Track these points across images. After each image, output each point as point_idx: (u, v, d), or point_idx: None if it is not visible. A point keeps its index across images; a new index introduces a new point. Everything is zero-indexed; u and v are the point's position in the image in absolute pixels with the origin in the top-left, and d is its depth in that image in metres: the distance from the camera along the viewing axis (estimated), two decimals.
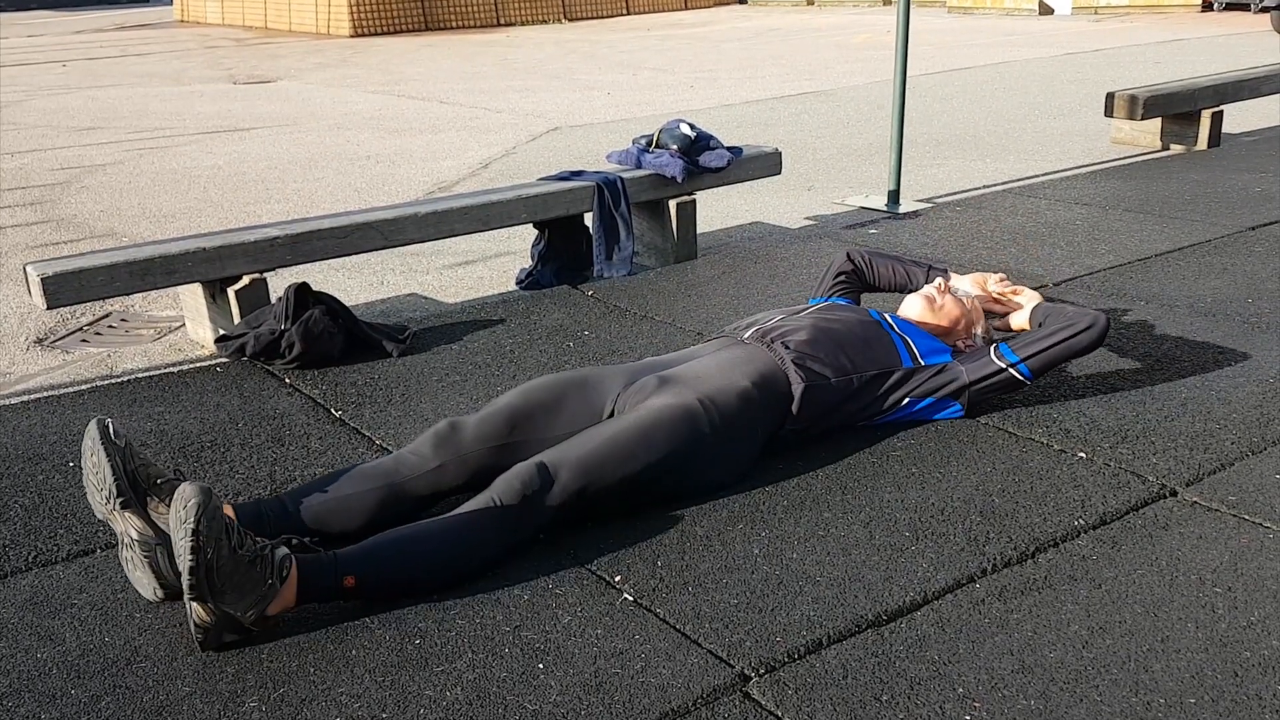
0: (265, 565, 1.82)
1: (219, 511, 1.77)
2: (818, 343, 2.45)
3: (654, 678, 1.72)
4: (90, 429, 1.96)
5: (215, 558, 1.75)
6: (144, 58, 13.82)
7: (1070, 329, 2.52)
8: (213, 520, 1.75)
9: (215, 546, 1.75)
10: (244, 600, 1.79)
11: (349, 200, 5.70)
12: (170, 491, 2.02)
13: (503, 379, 2.99)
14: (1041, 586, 1.93)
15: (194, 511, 1.74)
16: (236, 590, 1.79)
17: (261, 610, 1.81)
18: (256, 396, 2.93)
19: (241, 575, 1.79)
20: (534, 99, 9.23)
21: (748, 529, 2.15)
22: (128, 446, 1.98)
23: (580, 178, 4.02)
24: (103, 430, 1.95)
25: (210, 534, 1.75)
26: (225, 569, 1.77)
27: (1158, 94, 5.75)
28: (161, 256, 3.20)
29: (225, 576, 1.77)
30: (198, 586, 1.75)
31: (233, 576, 1.78)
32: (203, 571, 1.75)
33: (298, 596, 1.86)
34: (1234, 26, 13.38)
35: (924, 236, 4.30)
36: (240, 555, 1.79)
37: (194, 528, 1.73)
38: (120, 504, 1.92)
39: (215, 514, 1.76)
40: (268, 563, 1.82)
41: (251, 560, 1.80)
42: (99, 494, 1.94)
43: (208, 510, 1.75)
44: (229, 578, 1.77)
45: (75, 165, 6.84)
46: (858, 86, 9.40)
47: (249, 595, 1.79)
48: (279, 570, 1.83)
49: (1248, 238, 4.06)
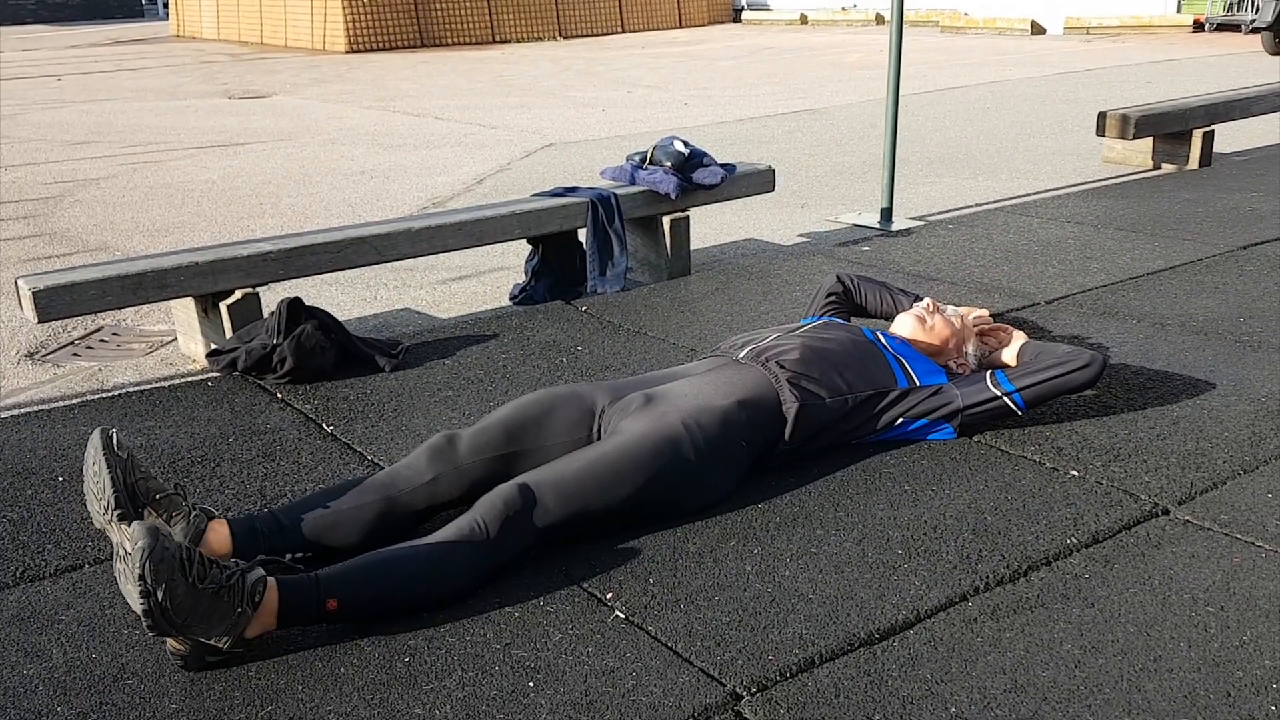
0: (233, 593, 1.77)
1: (168, 552, 1.71)
2: (813, 362, 2.45)
3: (645, 696, 1.71)
4: (94, 437, 1.95)
5: (169, 598, 1.70)
6: (139, 72, 13.83)
7: (1067, 365, 2.53)
8: (160, 563, 1.69)
9: (167, 587, 1.70)
10: (214, 630, 1.76)
11: (343, 215, 5.70)
12: (170, 507, 2.01)
13: (496, 394, 2.99)
14: (1034, 605, 1.93)
15: (139, 557, 1.69)
16: (203, 621, 1.75)
17: (237, 636, 1.78)
18: (248, 411, 2.92)
19: (205, 607, 1.74)
20: (529, 115, 9.25)
21: (740, 546, 2.15)
22: (130, 458, 1.97)
23: (574, 194, 4.03)
24: (106, 440, 1.94)
25: (158, 577, 1.69)
26: (183, 605, 1.72)
27: (1149, 113, 5.78)
28: (154, 270, 3.19)
29: (185, 611, 1.73)
30: (155, 626, 1.72)
31: (195, 610, 1.73)
32: (157, 613, 1.70)
33: (279, 619, 1.83)
34: (1225, 47, 13.47)
35: (916, 254, 4.31)
36: (202, 589, 1.74)
37: (139, 573, 1.68)
38: (117, 516, 1.91)
39: (162, 556, 1.70)
40: (236, 591, 1.78)
41: (216, 592, 1.75)
42: (98, 503, 1.93)
43: (153, 554, 1.69)
44: (190, 612, 1.73)
45: (69, 179, 6.84)
46: (850, 105, 9.44)
47: (218, 625, 1.76)
48: (250, 597, 1.79)
49: (1239, 257, 4.07)
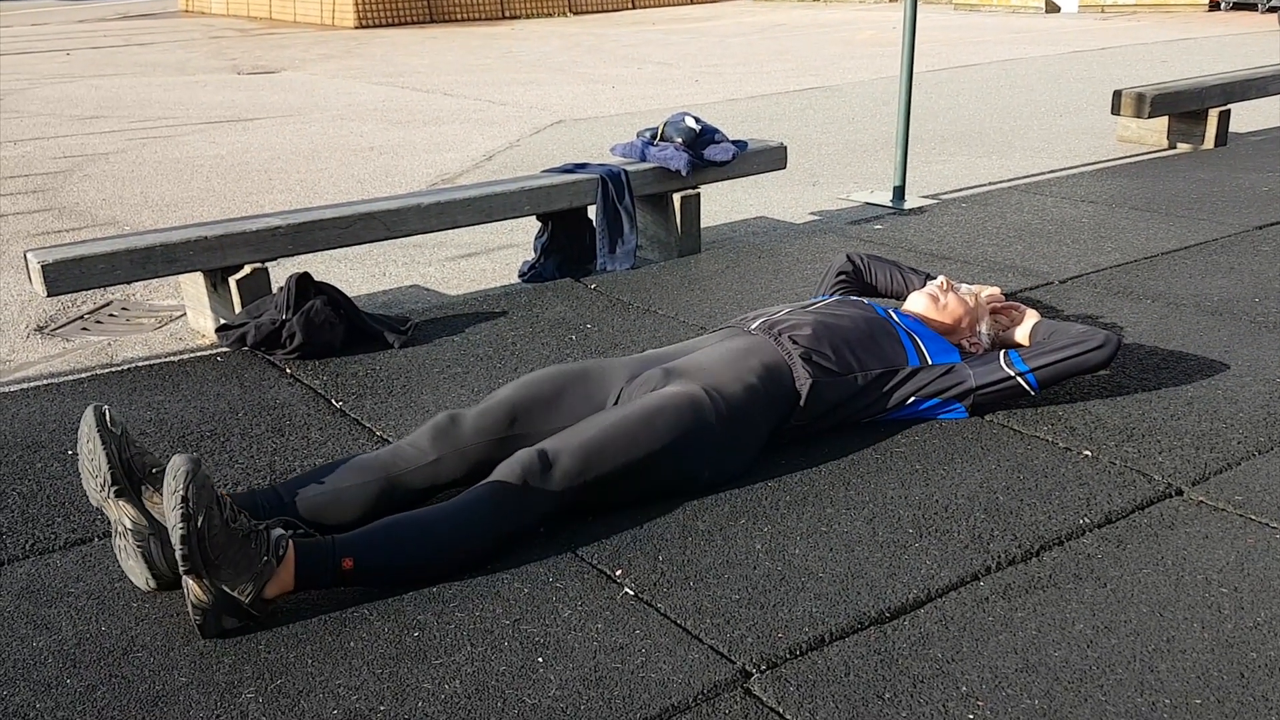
0: (260, 542, 1.81)
1: (208, 482, 1.77)
2: (825, 338, 2.43)
3: (654, 673, 1.71)
4: (87, 415, 1.95)
5: (207, 526, 1.75)
6: (147, 47, 13.79)
7: (1082, 345, 2.50)
8: (201, 489, 1.75)
9: (206, 515, 1.74)
10: (240, 577, 1.78)
11: (352, 191, 5.68)
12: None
13: (504, 371, 2.98)
14: (1046, 585, 1.92)
15: (183, 480, 1.73)
16: (231, 565, 1.78)
17: (259, 589, 1.80)
18: (257, 386, 2.92)
19: (236, 549, 1.78)
20: (538, 92, 9.20)
21: (750, 524, 2.14)
22: (124, 434, 1.96)
23: (584, 170, 4.00)
24: (99, 417, 1.94)
25: (199, 502, 1.74)
26: (218, 540, 1.76)
27: (1165, 92, 5.73)
28: (162, 245, 3.18)
29: (219, 549, 1.76)
30: (190, 556, 1.74)
31: (227, 549, 1.77)
32: (194, 540, 1.74)
33: (296, 579, 1.85)
34: (1241, 26, 13.34)
35: (929, 233, 4.28)
36: (234, 529, 1.79)
37: (183, 495, 1.73)
38: (114, 492, 1.91)
39: (204, 483, 1.76)
40: (263, 540, 1.82)
41: (246, 535, 1.80)
42: (93, 480, 1.93)
43: (195, 479, 1.74)
44: (223, 550, 1.77)
45: (77, 154, 6.83)
46: (863, 82, 9.38)
47: (245, 572, 1.79)
48: (275, 548, 1.82)
49: (1254, 237, 4.04)
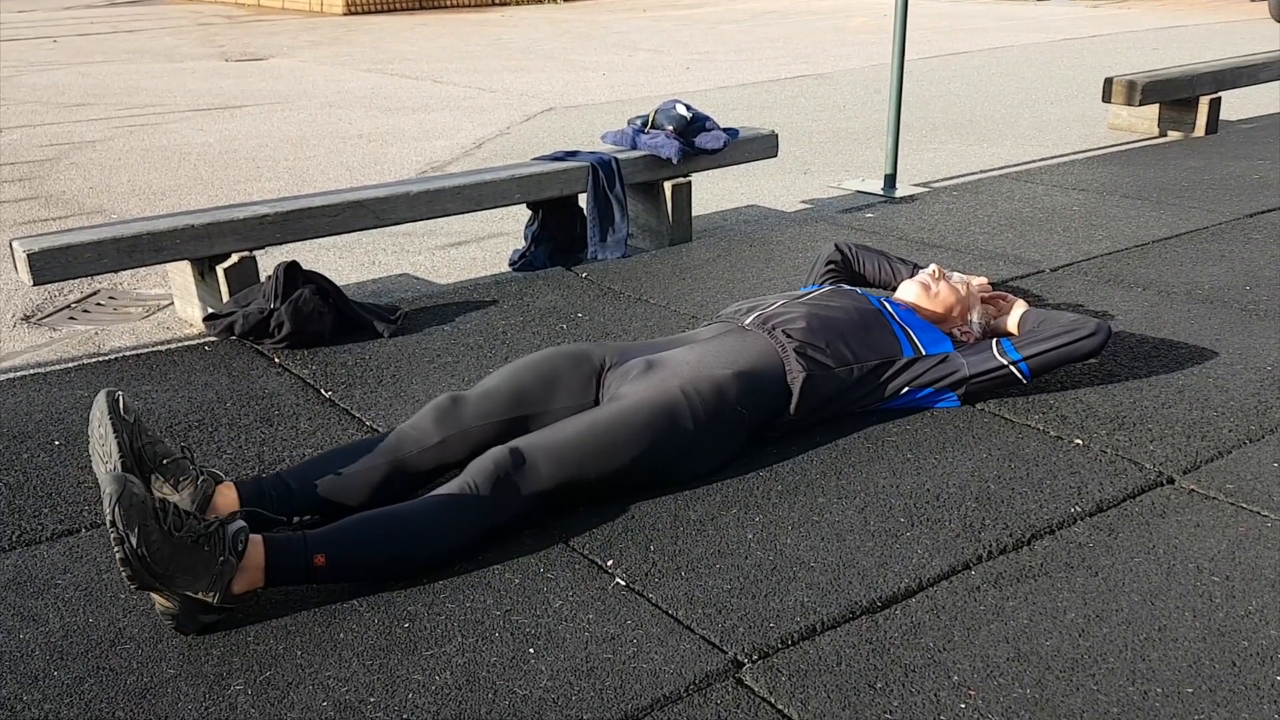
0: (215, 542, 1.76)
1: (138, 498, 1.69)
2: (819, 331, 2.42)
3: (646, 663, 1.70)
4: (99, 400, 1.92)
5: (144, 545, 1.67)
6: (135, 34, 13.70)
7: (1074, 334, 2.51)
8: (130, 508, 1.67)
9: (140, 532, 1.67)
10: (198, 581, 1.74)
11: (340, 179, 5.65)
12: (177, 471, 1.99)
13: (495, 360, 2.97)
14: (1038, 574, 1.92)
15: (109, 503, 1.67)
16: (186, 572, 1.73)
17: (223, 589, 1.76)
18: (245, 376, 2.90)
19: (185, 557, 1.72)
20: (529, 79, 9.16)
21: (741, 514, 2.13)
22: (136, 422, 1.94)
23: (575, 158, 3.99)
24: (112, 404, 1.91)
25: (130, 521, 1.66)
26: (161, 553, 1.70)
27: (1156, 80, 5.72)
28: (150, 233, 3.16)
29: (165, 561, 1.70)
30: (135, 576, 1.69)
31: (175, 559, 1.71)
32: (134, 561, 1.68)
33: (266, 575, 1.82)
34: (1232, 13, 13.34)
35: (920, 221, 4.27)
36: (179, 538, 1.72)
37: (110, 519, 1.66)
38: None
39: (133, 501, 1.67)
40: (216, 540, 1.76)
41: (195, 541, 1.74)
42: (104, 465, 1.91)
43: (121, 499, 1.66)
44: (170, 561, 1.71)
45: (64, 141, 6.77)
46: (854, 70, 9.36)
47: (202, 576, 1.74)
48: (232, 546, 1.77)
49: (1245, 225, 4.04)
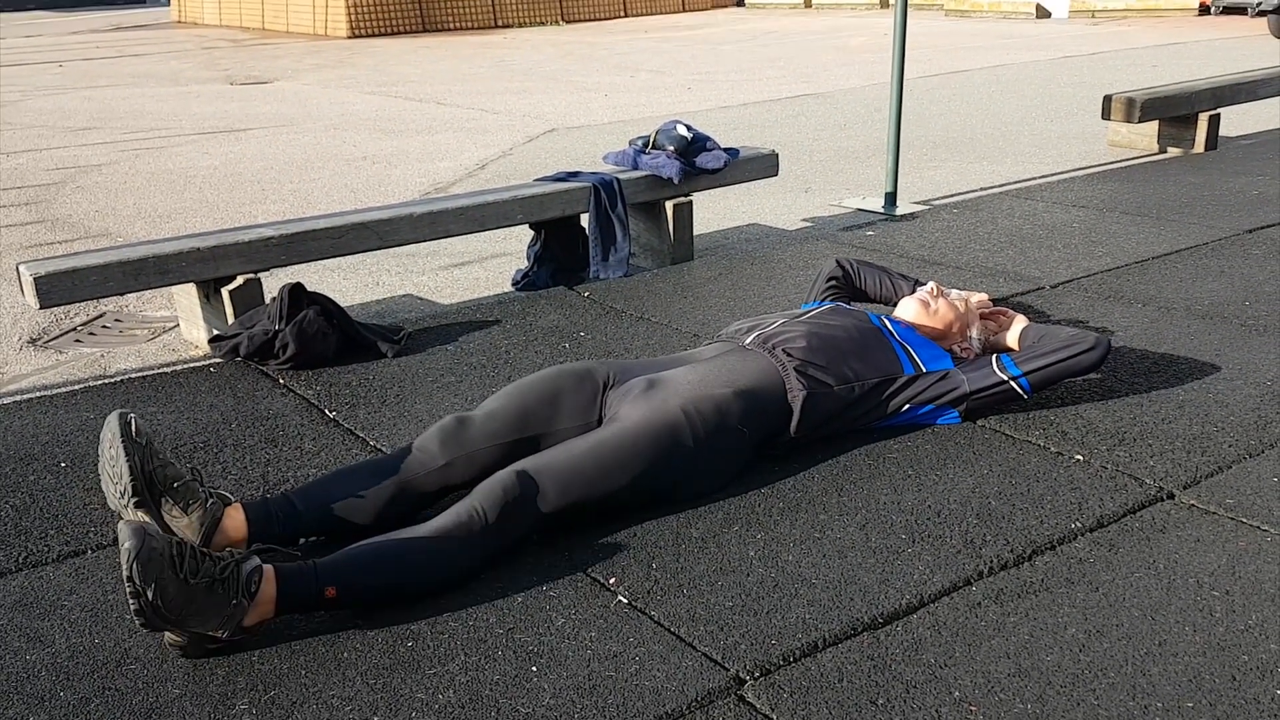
0: (228, 586, 1.77)
1: (156, 552, 1.71)
2: (819, 350, 2.43)
3: (648, 681, 1.71)
4: (111, 421, 1.93)
5: (160, 596, 1.70)
6: (140, 58, 13.79)
7: (1074, 349, 2.52)
8: (147, 563, 1.69)
9: (157, 585, 1.69)
10: (210, 622, 1.76)
11: (345, 201, 5.69)
12: (187, 494, 2.01)
13: (498, 380, 2.98)
14: (1038, 589, 1.92)
15: (125, 559, 1.69)
16: (198, 615, 1.75)
17: (234, 626, 1.78)
18: (250, 397, 2.92)
19: (200, 601, 1.74)
20: (531, 100, 9.22)
21: (743, 531, 2.14)
22: (148, 445, 1.96)
23: (577, 179, 4.01)
24: (124, 426, 1.92)
25: (147, 576, 1.69)
26: (175, 602, 1.72)
27: (1155, 97, 5.75)
28: (155, 256, 3.18)
29: (178, 608, 1.72)
30: (149, 624, 1.72)
31: (189, 605, 1.73)
32: (149, 611, 1.70)
33: (277, 608, 1.83)
34: (1231, 30, 13.40)
35: (921, 238, 4.29)
36: (195, 585, 1.74)
37: (127, 574, 1.69)
38: (135, 503, 1.91)
39: (150, 556, 1.70)
40: (230, 583, 1.77)
41: (210, 585, 1.75)
42: (114, 487, 1.93)
43: (140, 555, 1.69)
44: (184, 607, 1.73)
45: (70, 165, 6.82)
46: (855, 89, 9.40)
47: (214, 618, 1.76)
48: (245, 588, 1.78)
49: (1245, 240, 4.05)
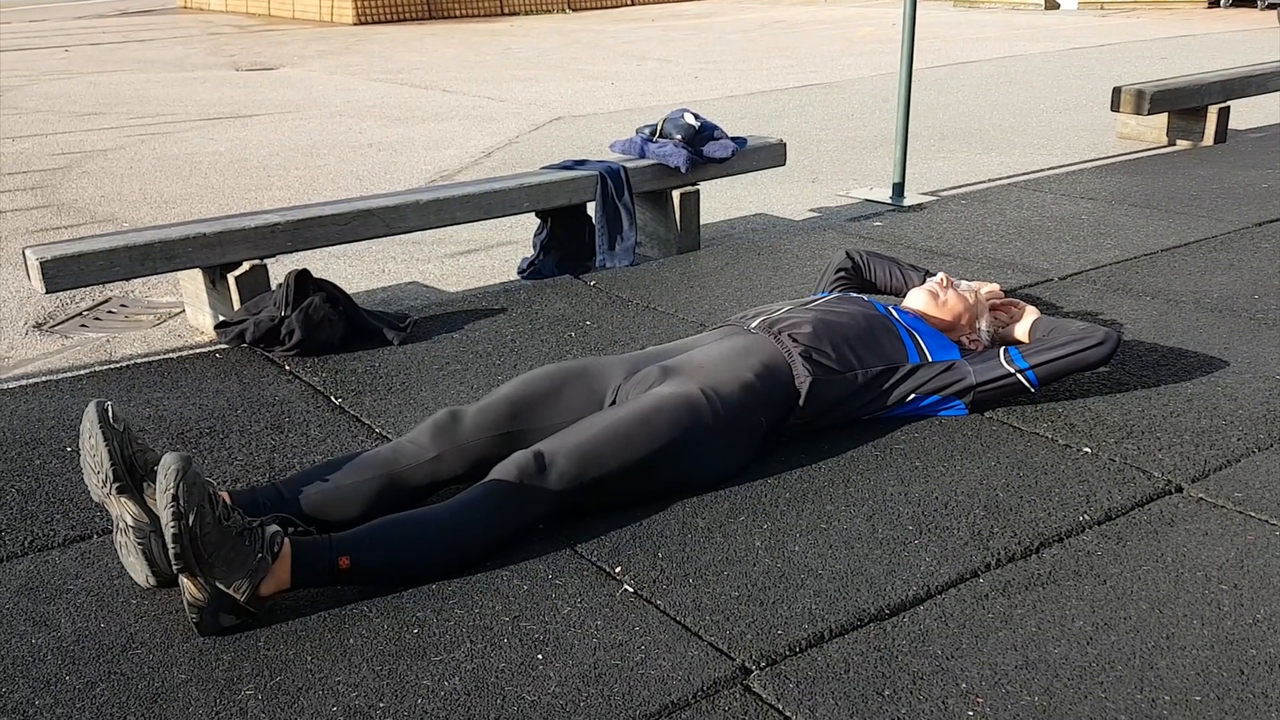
0: (255, 539, 1.81)
1: (199, 480, 1.77)
2: (825, 336, 2.43)
3: (654, 670, 1.71)
4: (89, 411, 1.95)
5: (199, 525, 1.75)
6: (146, 44, 13.78)
7: (1082, 343, 2.51)
8: (193, 487, 1.75)
9: (197, 513, 1.74)
10: (235, 574, 1.78)
11: (351, 188, 5.68)
12: None
13: (504, 368, 2.98)
14: (1046, 582, 1.92)
15: (174, 478, 1.73)
16: (225, 563, 1.78)
17: (254, 586, 1.80)
18: (256, 383, 2.92)
19: (229, 547, 1.78)
20: (537, 88, 9.19)
21: (749, 521, 2.14)
22: (126, 431, 1.96)
23: (583, 167, 4.00)
24: (101, 413, 1.93)
25: (190, 500, 1.74)
26: (210, 537, 1.76)
27: (1165, 89, 5.72)
28: (161, 242, 3.18)
29: (211, 546, 1.76)
30: (183, 555, 1.75)
31: (220, 547, 1.77)
32: (186, 538, 1.74)
33: (292, 577, 1.85)
34: (1241, 23, 13.34)
35: (928, 229, 4.28)
36: (227, 526, 1.79)
37: (174, 493, 1.73)
38: (116, 489, 1.91)
39: (195, 481, 1.76)
40: (257, 537, 1.82)
41: (240, 533, 1.80)
42: (95, 476, 1.93)
43: (186, 476, 1.74)
44: (216, 547, 1.77)
45: (76, 150, 6.82)
46: (862, 79, 9.37)
47: (239, 569, 1.79)
48: (270, 545, 1.82)
49: (1254, 234, 4.04)
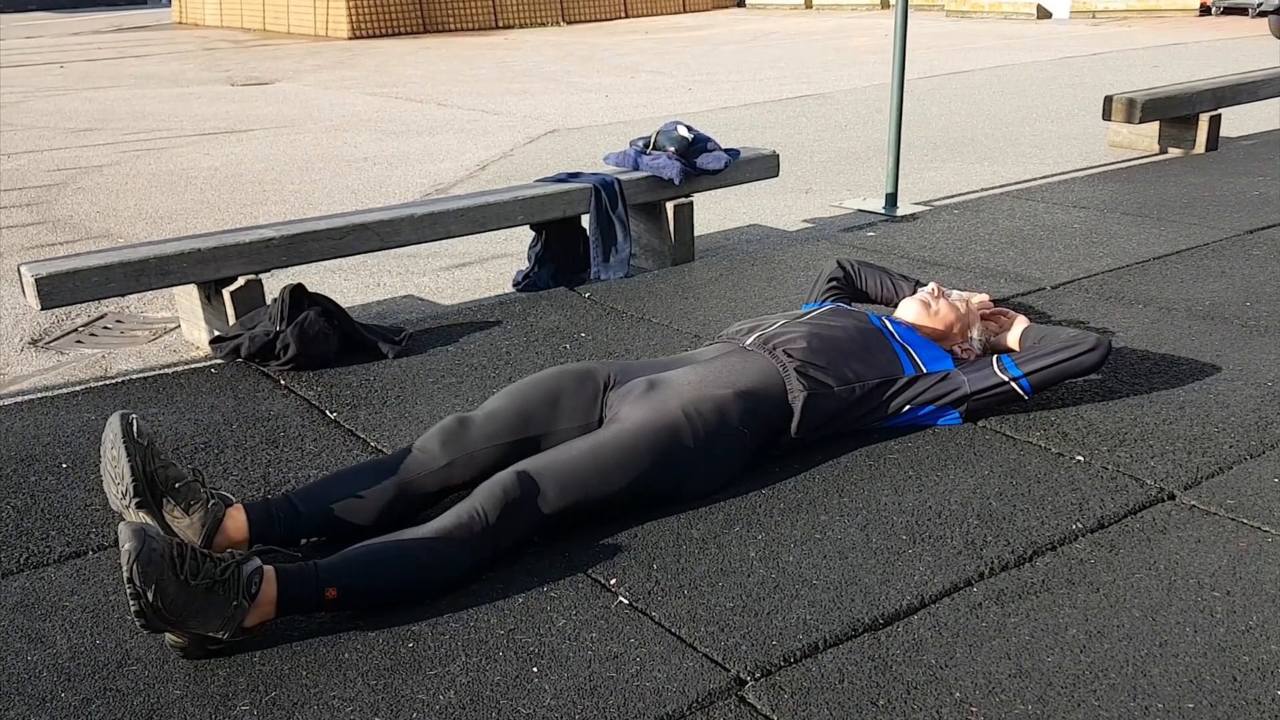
0: (228, 587, 1.77)
1: (156, 554, 1.71)
2: (820, 350, 2.43)
3: (649, 681, 1.71)
4: (113, 422, 1.94)
5: (160, 597, 1.70)
6: (142, 59, 13.80)
7: (1074, 349, 2.52)
8: (148, 565, 1.69)
9: (157, 586, 1.70)
10: (210, 623, 1.76)
11: (346, 202, 5.69)
12: (188, 495, 2.01)
13: (499, 381, 2.98)
14: (1039, 590, 1.92)
15: (127, 559, 1.69)
16: (198, 616, 1.75)
17: (234, 627, 1.78)
18: (251, 398, 2.92)
19: (200, 603, 1.74)
20: (532, 101, 9.22)
21: (744, 532, 2.14)
22: (150, 445, 1.96)
23: (577, 179, 4.02)
24: (126, 427, 1.93)
25: (147, 578, 1.69)
26: (176, 603, 1.72)
27: (1156, 97, 5.75)
28: (156, 257, 3.19)
29: (179, 609, 1.73)
30: (149, 625, 1.72)
31: (189, 606, 1.73)
32: (149, 613, 1.71)
33: (278, 608, 1.83)
34: (1232, 31, 13.39)
35: (921, 239, 4.29)
36: (195, 586, 1.74)
37: (127, 575, 1.69)
38: (135, 504, 1.91)
39: (150, 558, 1.70)
40: (231, 585, 1.77)
41: (210, 587, 1.75)
42: (116, 487, 1.93)
43: (140, 556, 1.69)
44: (184, 608, 1.73)
45: (71, 166, 6.83)
46: (855, 90, 9.40)
47: (214, 619, 1.76)
48: (245, 589, 1.78)
49: (1245, 241, 4.05)
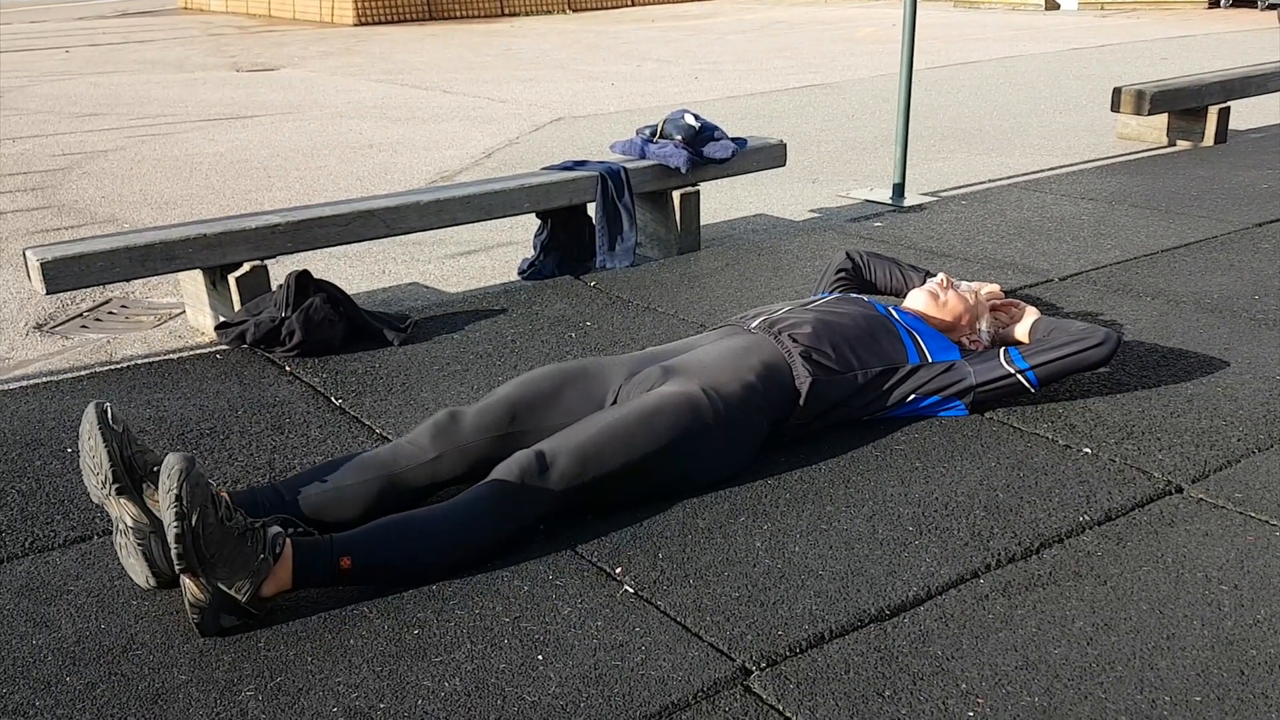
0: (256, 540, 1.82)
1: (203, 480, 1.78)
2: (825, 336, 2.43)
3: (654, 670, 1.71)
4: (88, 412, 1.95)
5: (201, 525, 1.75)
6: (147, 44, 13.78)
7: (1082, 343, 2.50)
8: (196, 487, 1.76)
9: (200, 514, 1.75)
10: (237, 575, 1.79)
11: (351, 188, 5.68)
12: None
13: (504, 369, 2.98)
14: (1046, 583, 1.92)
15: (177, 479, 1.74)
16: (227, 563, 1.78)
17: (256, 587, 1.80)
18: (256, 384, 2.92)
19: (231, 547, 1.79)
20: (538, 89, 9.20)
21: (749, 521, 2.14)
22: (125, 432, 1.96)
23: (583, 168, 4.00)
24: (100, 414, 1.94)
25: (194, 500, 1.75)
26: (213, 537, 1.77)
27: (1165, 89, 5.72)
28: (162, 243, 3.18)
29: (214, 546, 1.77)
30: (186, 555, 1.75)
31: (222, 547, 1.78)
32: (189, 538, 1.75)
33: (293, 578, 1.85)
34: (1241, 23, 13.34)
35: (929, 230, 4.28)
36: (229, 527, 1.80)
37: (177, 493, 1.74)
38: (116, 490, 1.91)
39: (198, 481, 1.77)
40: (259, 538, 1.83)
41: (242, 534, 1.81)
42: (94, 477, 1.93)
43: (190, 477, 1.75)
44: (218, 547, 1.77)
45: (77, 151, 6.82)
46: (863, 80, 9.37)
47: (241, 570, 1.79)
48: (271, 546, 1.83)
49: (1254, 234, 4.04)
